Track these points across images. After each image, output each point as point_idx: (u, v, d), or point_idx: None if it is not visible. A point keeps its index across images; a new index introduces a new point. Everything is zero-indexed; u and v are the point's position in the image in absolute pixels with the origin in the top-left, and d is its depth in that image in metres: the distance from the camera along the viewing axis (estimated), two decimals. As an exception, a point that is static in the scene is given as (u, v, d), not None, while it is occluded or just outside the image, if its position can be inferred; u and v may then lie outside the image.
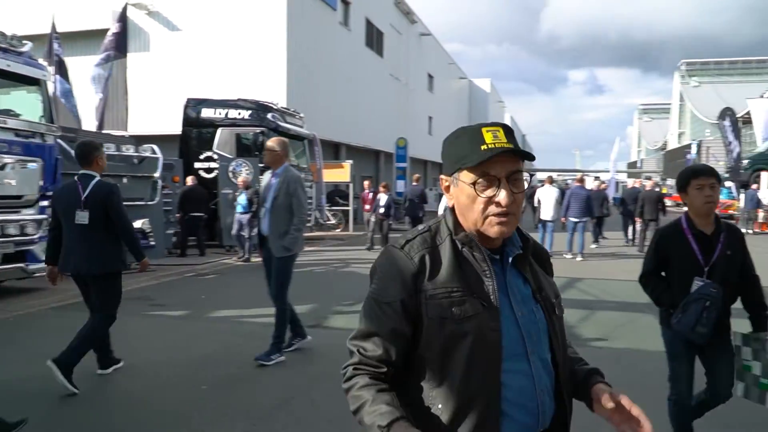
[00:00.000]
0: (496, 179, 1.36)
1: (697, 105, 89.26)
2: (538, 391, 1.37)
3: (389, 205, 14.42)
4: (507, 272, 1.43)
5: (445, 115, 43.32)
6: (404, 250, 1.42)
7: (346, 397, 1.37)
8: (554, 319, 1.45)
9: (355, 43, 26.84)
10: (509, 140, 1.37)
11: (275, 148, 5.42)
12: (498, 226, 1.38)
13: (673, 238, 3.17)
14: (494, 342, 1.33)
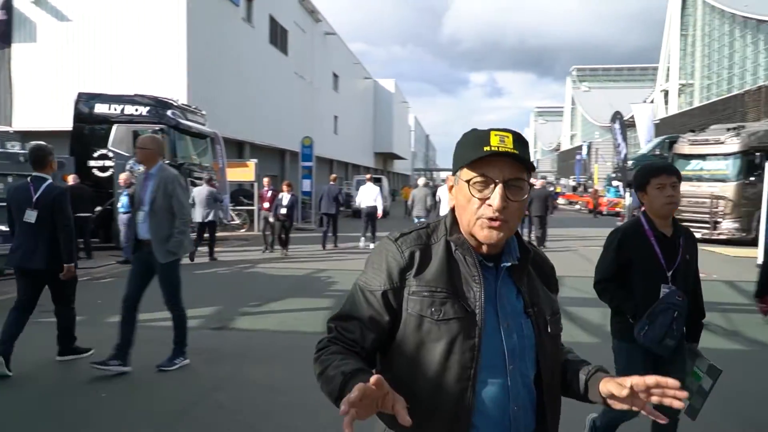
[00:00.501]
0: (492, 182, 1.33)
1: (588, 109, 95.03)
2: (512, 407, 1.33)
3: (292, 204, 13.65)
4: (499, 282, 1.39)
5: (350, 115, 43.52)
6: (397, 243, 1.42)
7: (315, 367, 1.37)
8: (544, 336, 1.40)
9: (258, 40, 26.39)
10: (516, 147, 1.33)
11: (148, 146, 5.05)
12: (487, 230, 1.34)
13: (635, 240, 2.92)
14: (470, 349, 1.31)
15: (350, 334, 1.38)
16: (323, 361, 1.33)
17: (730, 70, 43.73)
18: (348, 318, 1.40)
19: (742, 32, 41.57)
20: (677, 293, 2.80)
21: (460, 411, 1.30)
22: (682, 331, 2.83)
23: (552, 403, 1.41)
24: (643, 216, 2.97)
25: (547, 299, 1.46)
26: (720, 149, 17.14)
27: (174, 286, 5.12)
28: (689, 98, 50.70)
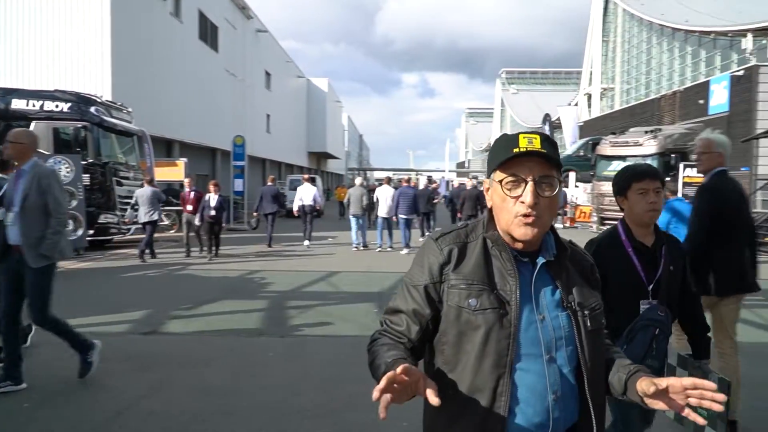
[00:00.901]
0: (524, 180, 1.42)
1: (516, 110, 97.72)
2: (550, 395, 1.40)
3: (221, 205, 12.88)
4: (535, 276, 1.46)
5: (283, 114, 43.03)
6: (438, 241, 1.52)
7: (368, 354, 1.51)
8: (582, 330, 1.45)
9: (187, 35, 25.70)
10: (544, 147, 1.42)
11: (21, 140, 4.60)
12: (523, 227, 1.42)
13: (611, 251, 2.64)
14: (505, 338, 1.39)
15: (397, 327, 1.50)
16: (373, 353, 1.47)
17: (648, 76, 46.00)
18: (395, 312, 1.53)
19: (659, 40, 43.81)
20: (658, 308, 2.56)
21: (498, 396, 1.39)
22: (665, 350, 2.58)
23: (595, 396, 1.45)
24: (621, 225, 2.72)
25: (586, 294, 1.51)
26: (638, 151, 18.05)
27: (44, 297, 4.56)
28: (610, 102, 53.00)
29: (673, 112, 31.33)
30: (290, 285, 9.51)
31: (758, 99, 25.00)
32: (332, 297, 8.63)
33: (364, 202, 14.96)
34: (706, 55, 37.27)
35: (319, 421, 4.12)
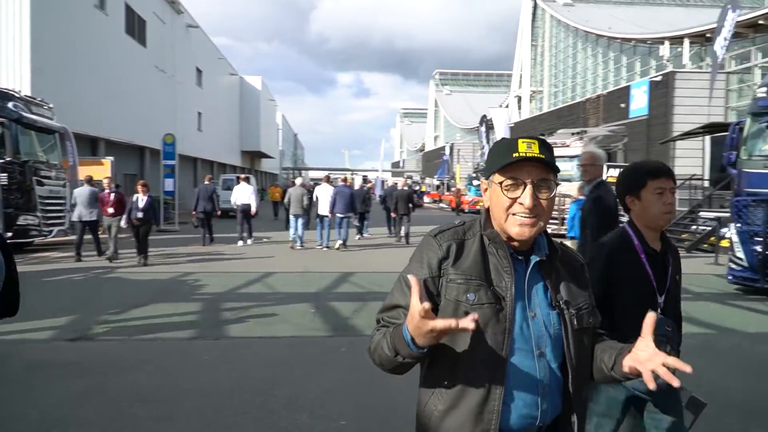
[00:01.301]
0: (523, 183, 1.48)
1: (449, 111, 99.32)
2: (540, 389, 1.46)
3: (149, 206, 12.17)
4: (528, 274, 1.52)
5: (215, 112, 42.10)
6: (436, 238, 1.57)
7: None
8: (570, 328, 1.51)
9: (113, 29, 24.75)
10: (542, 152, 1.49)
11: None
12: (519, 226, 1.49)
13: (624, 257, 2.38)
14: (501, 332, 1.44)
15: (396, 320, 1.50)
16: (376, 344, 1.49)
17: (574, 80, 47.82)
18: (393, 307, 1.54)
19: (584, 45, 45.62)
20: (666, 322, 2.26)
21: (493, 389, 1.44)
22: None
23: (577, 390, 1.52)
24: (631, 228, 2.45)
25: (574, 294, 1.56)
26: (566, 152, 18.71)
27: None
28: (539, 104, 54.77)
29: (598, 114, 32.70)
30: (225, 286, 9.34)
31: (674, 103, 26.45)
32: (269, 298, 8.54)
33: (305, 201, 15.10)
34: (627, 61, 39.08)
35: (259, 422, 4.08)
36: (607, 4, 51.81)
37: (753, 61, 26.55)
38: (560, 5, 51.29)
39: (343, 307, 7.86)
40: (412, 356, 1.39)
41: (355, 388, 4.82)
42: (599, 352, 1.59)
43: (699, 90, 24.68)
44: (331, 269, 11.29)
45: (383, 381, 5.00)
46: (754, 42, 26.30)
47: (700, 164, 23.86)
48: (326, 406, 4.40)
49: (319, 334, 6.56)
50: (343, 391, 4.72)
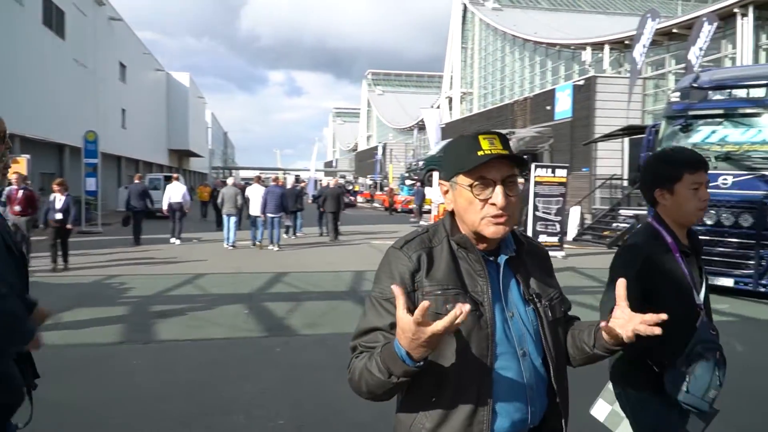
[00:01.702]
0: (491, 182, 1.43)
1: (382, 111, 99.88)
2: (528, 389, 1.43)
3: (68, 207, 11.28)
4: (500, 274, 1.49)
5: (140, 109, 40.64)
6: (403, 250, 1.48)
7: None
8: (545, 321, 1.49)
9: (29, 20, 23.47)
10: (504, 147, 1.44)
11: None
12: (494, 226, 1.44)
13: (661, 259, 2.13)
14: (484, 339, 1.40)
15: (374, 344, 1.41)
16: (357, 371, 1.40)
17: (503, 82, 49.12)
18: (369, 331, 1.44)
19: (512, 49, 46.94)
20: (710, 326, 2.10)
21: (481, 396, 1.39)
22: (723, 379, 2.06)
23: (560, 383, 1.51)
24: (659, 224, 2.21)
25: (544, 284, 1.55)
26: (495, 152, 19.22)
27: None
28: (470, 105, 55.93)
29: (525, 116, 33.72)
30: (153, 289, 9.04)
31: (596, 106, 27.63)
32: (200, 300, 8.35)
33: (238, 201, 15.04)
34: (552, 65, 40.49)
35: (193, 426, 4.00)
36: (533, 9, 53.52)
37: (667, 68, 28.10)
38: (489, 9, 52.57)
39: (277, 308, 7.79)
40: (408, 373, 1.30)
41: (291, 387, 4.80)
42: (577, 333, 1.57)
43: (618, 94, 25.87)
44: (264, 269, 11.15)
45: (320, 379, 5.01)
46: (668, 49, 27.83)
47: (620, 164, 25.01)
48: (263, 406, 4.36)
49: (252, 335, 6.49)
50: (279, 391, 4.69)
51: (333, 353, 5.64)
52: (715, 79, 9.97)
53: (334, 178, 23.02)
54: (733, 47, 23.66)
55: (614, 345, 1.47)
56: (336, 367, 5.29)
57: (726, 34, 23.80)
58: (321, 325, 6.92)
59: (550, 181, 14.09)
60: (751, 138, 9.11)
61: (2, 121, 2.21)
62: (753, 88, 9.35)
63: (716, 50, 24.48)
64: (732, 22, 23.07)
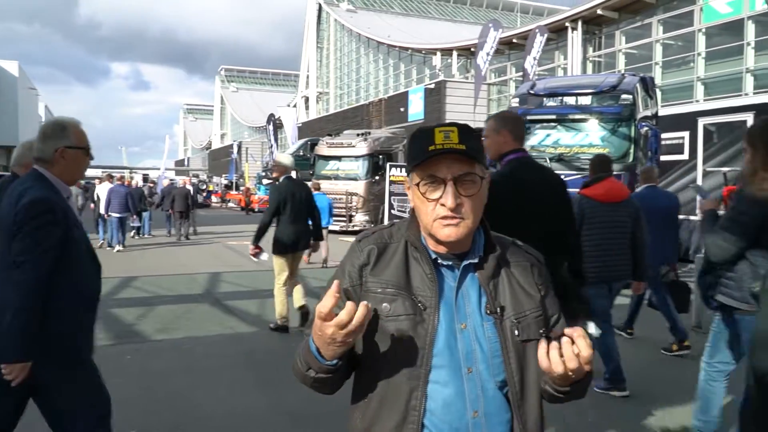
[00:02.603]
0: (443, 181, 1.28)
1: (236, 109, 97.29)
2: (470, 412, 1.28)
3: None
4: (457, 281, 1.34)
5: (-42, 99, 36.09)
6: (360, 242, 1.42)
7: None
8: (509, 339, 1.32)
9: None
10: (463, 141, 1.28)
11: None
12: (446, 228, 1.29)
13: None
14: (418, 347, 1.28)
15: None
16: (294, 360, 1.35)
17: (358, 83, 50.00)
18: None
19: (366, 51, 47.93)
20: None
21: (409, 410, 1.29)
22: None
23: (524, 414, 1.33)
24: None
25: (518, 299, 1.36)
26: (351, 152, 19.55)
27: None
28: (326, 105, 56.27)
29: (380, 117, 34.65)
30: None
31: (446, 109, 29.14)
32: (35, 309, 7.63)
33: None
34: (405, 68, 41.98)
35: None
36: (387, 13, 55.07)
37: (509, 75, 30.31)
38: (343, 10, 53.26)
39: (126, 313, 7.34)
40: (323, 370, 1.26)
41: (143, 395, 4.57)
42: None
43: (466, 98, 27.46)
44: (112, 273, 10.42)
45: (175, 386, 4.81)
46: (509, 58, 30.02)
47: (468, 165, 26.57)
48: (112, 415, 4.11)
49: (100, 343, 6.04)
50: (130, 400, 4.44)
51: (188, 358, 5.44)
52: (548, 87, 10.95)
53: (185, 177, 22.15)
54: (565, 58, 26.08)
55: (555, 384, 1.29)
56: (192, 372, 5.12)
57: (559, 45, 26.19)
58: (175, 330, 6.63)
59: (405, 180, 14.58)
60: (580, 141, 10.12)
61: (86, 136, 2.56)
62: (581, 96, 10.40)
63: (551, 60, 26.85)
64: (564, 35, 25.44)
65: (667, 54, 22.35)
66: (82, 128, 2.54)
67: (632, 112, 9.83)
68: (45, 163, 2.43)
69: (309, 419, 4.15)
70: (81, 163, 2.52)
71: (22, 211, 2.29)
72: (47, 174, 2.42)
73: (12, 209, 2.34)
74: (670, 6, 21.99)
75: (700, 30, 20.74)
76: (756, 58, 18.98)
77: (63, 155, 2.43)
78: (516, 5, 55.35)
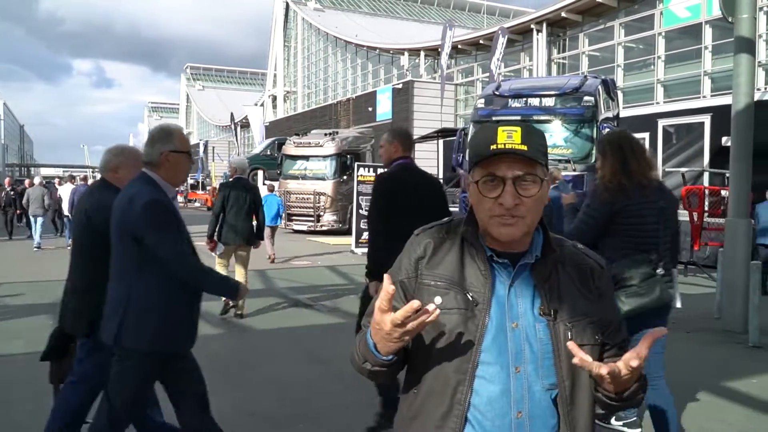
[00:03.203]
0: (502, 180, 1.29)
1: (203, 107, 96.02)
2: (514, 412, 1.28)
3: None
4: (513, 279, 1.34)
5: None
6: (418, 235, 1.44)
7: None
8: (562, 343, 1.30)
9: None
10: (525, 142, 1.28)
11: None
12: (502, 227, 1.29)
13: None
14: (468, 342, 1.29)
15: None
16: (351, 351, 1.39)
17: (326, 82, 49.78)
18: (372, 312, 1.38)
19: (334, 50, 47.76)
20: None
21: (454, 403, 1.31)
22: None
23: (571, 420, 1.32)
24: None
25: (575, 303, 1.34)
26: (319, 151, 19.50)
27: None
28: (294, 104, 55.89)
29: (348, 117, 34.63)
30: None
31: (414, 109, 29.27)
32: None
33: (46, 201, 14.67)
34: (373, 68, 41.98)
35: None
36: (355, 13, 54.98)
37: (476, 76, 30.58)
38: (311, 9, 52.99)
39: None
40: (378, 364, 1.29)
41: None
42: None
43: (433, 98, 27.62)
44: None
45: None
46: (476, 59, 30.30)
47: (436, 165, 26.73)
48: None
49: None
50: (92, 405, 4.38)
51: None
52: (513, 88, 11.13)
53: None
54: (530, 59, 26.45)
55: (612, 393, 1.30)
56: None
57: (524, 47, 26.56)
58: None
59: (373, 180, 14.65)
60: (544, 142, 10.31)
61: (188, 142, 2.91)
62: (545, 98, 10.59)
63: (516, 62, 27.20)
64: (529, 37, 25.80)
65: (629, 57, 22.84)
66: (185, 134, 2.87)
67: (594, 114, 10.05)
68: (152, 166, 2.67)
69: (278, 420, 4.15)
70: (184, 166, 2.75)
71: (143, 212, 2.52)
72: (154, 176, 2.65)
73: (125, 210, 2.57)
74: (632, 10, 22.47)
75: (660, 34, 21.25)
76: (713, 61, 19.51)
77: (168, 158, 2.65)
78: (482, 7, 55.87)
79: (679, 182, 12.20)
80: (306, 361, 5.69)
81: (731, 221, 7.32)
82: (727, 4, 8.24)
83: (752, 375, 5.30)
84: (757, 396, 4.76)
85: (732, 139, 7.43)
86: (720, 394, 4.80)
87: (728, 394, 4.80)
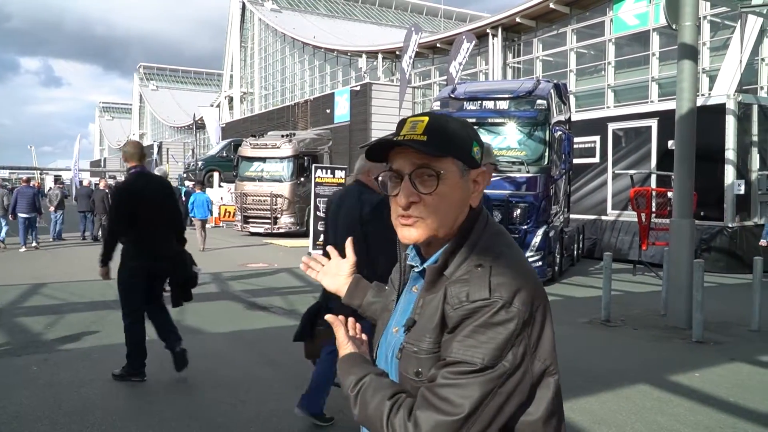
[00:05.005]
0: (401, 175, 1.17)
1: (156, 108, 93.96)
2: None
3: None
4: (411, 285, 1.28)
5: None
6: None
7: None
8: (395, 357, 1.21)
9: None
10: (428, 133, 1.14)
11: None
12: (402, 228, 1.19)
13: None
14: (376, 338, 1.36)
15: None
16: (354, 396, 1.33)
17: (283, 84, 49.39)
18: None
19: (292, 51, 47.43)
20: None
21: None
22: None
23: None
24: None
25: (425, 326, 1.15)
26: (276, 153, 19.31)
27: None
28: (251, 105, 55.23)
29: (306, 118, 34.44)
30: None
31: (372, 111, 29.30)
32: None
33: (5, 202, 14.94)
34: (331, 70, 41.87)
35: None
36: (312, 14, 54.77)
37: (433, 79, 30.81)
38: (268, 10, 52.52)
39: (33, 322, 6.96)
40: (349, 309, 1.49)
41: (50, 407, 4.37)
42: None
43: (391, 101, 27.71)
44: (17, 281, 9.86)
45: (84, 398, 4.61)
46: (433, 62, 30.54)
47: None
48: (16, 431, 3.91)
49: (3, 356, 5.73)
50: (36, 413, 4.24)
51: (100, 368, 5.22)
52: (469, 91, 11.24)
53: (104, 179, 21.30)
54: (486, 63, 26.81)
55: None
56: (104, 383, 4.90)
57: (480, 51, 26.87)
58: (86, 339, 6.36)
59: (330, 182, 14.59)
60: (499, 144, 10.45)
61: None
62: (499, 101, 10.74)
63: (473, 65, 27.52)
64: (485, 41, 26.14)
65: (581, 62, 23.39)
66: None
67: (547, 117, 10.24)
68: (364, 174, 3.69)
69: (230, 426, 4.10)
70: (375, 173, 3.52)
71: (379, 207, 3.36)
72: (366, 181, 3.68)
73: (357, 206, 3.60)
74: (583, 17, 23.03)
75: (610, 40, 21.83)
76: (660, 67, 20.16)
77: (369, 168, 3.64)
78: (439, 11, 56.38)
79: (627, 184, 12.55)
80: (260, 364, 5.62)
81: (676, 221, 7.57)
82: (671, 11, 8.53)
83: (695, 369, 5.49)
84: (699, 389, 4.94)
85: (676, 142, 7.69)
86: (665, 388, 4.96)
87: (673, 388, 4.97)
